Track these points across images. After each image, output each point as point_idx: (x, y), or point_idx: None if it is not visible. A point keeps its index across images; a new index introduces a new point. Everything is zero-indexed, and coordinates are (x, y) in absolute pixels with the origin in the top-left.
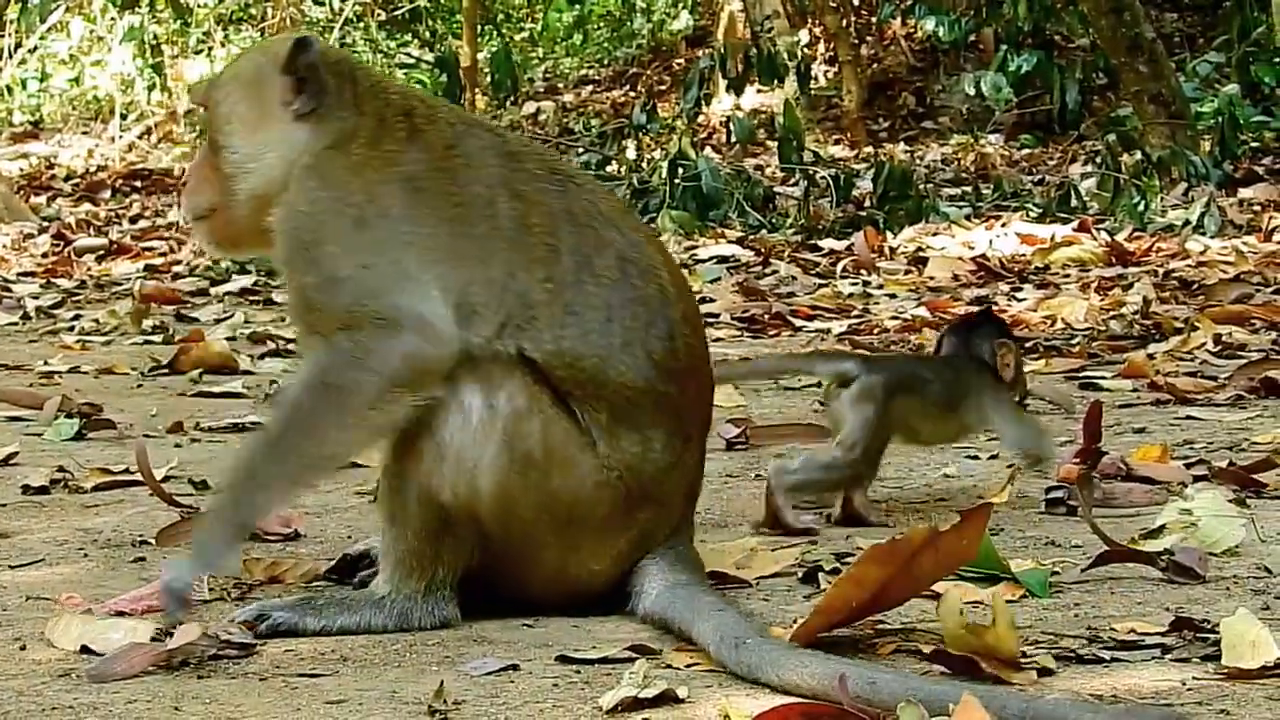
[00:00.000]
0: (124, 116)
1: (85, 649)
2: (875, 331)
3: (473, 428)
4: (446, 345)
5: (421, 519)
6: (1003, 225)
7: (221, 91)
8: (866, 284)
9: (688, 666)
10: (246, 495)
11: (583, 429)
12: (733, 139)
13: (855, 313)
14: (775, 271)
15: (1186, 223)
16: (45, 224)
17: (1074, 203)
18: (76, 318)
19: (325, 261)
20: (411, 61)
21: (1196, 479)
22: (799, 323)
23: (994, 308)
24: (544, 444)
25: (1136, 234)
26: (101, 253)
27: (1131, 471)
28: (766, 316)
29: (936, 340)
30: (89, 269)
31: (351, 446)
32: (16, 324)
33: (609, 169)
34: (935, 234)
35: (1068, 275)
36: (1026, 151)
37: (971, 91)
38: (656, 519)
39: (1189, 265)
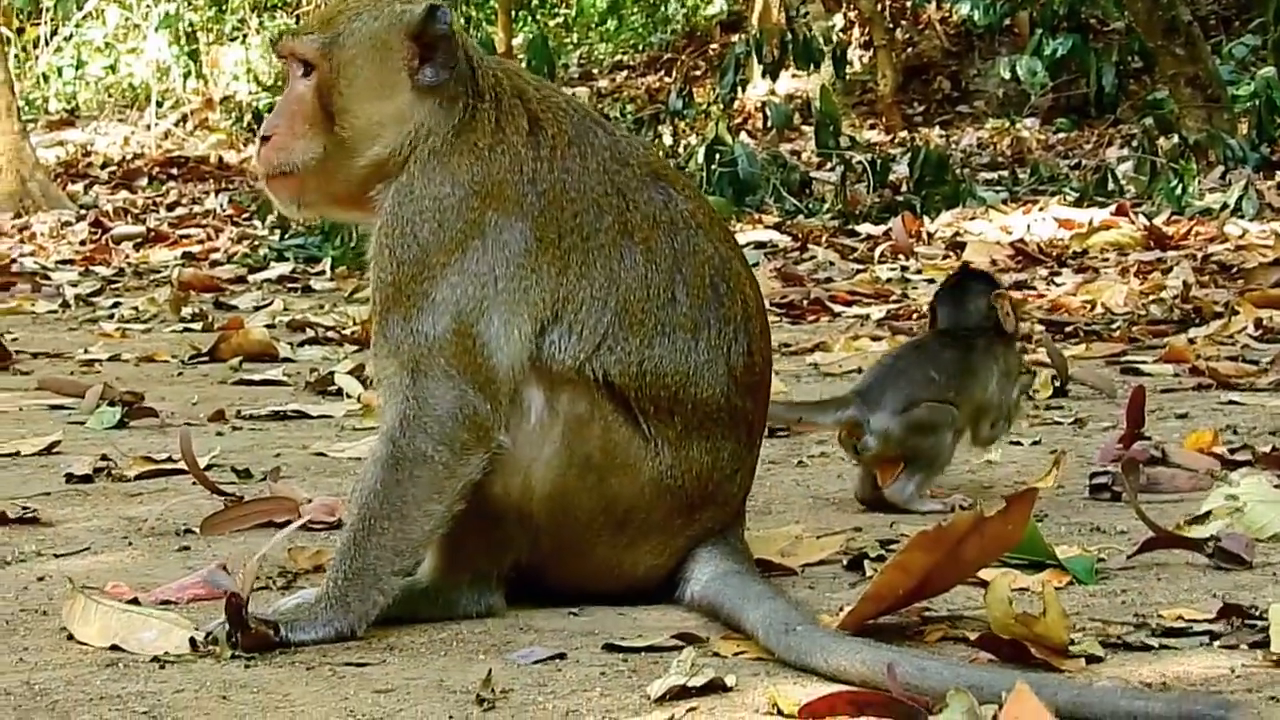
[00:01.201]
0: (160, 104)
1: (115, 648)
2: (914, 316)
3: (530, 426)
4: (503, 402)
5: (470, 511)
6: (1040, 209)
7: (344, 50)
8: (904, 269)
9: (735, 655)
10: (358, 592)
11: (646, 436)
12: (769, 124)
13: (894, 298)
14: (813, 257)
15: (1224, 206)
16: (83, 211)
17: (1111, 186)
18: (116, 305)
19: (428, 271)
20: None
21: (1240, 464)
22: (837, 308)
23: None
24: (604, 448)
25: (1174, 218)
26: (139, 240)
27: (1166, 458)
28: (805, 302)
29: (929, 308)
30: (127, 256)
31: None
32: (56, 312)
33: None
34: (972, 218)
35: (1106, 259)
36: (1063, 135)
37: (1007, 75)
38: (715, 517)
39: (1228, 249)
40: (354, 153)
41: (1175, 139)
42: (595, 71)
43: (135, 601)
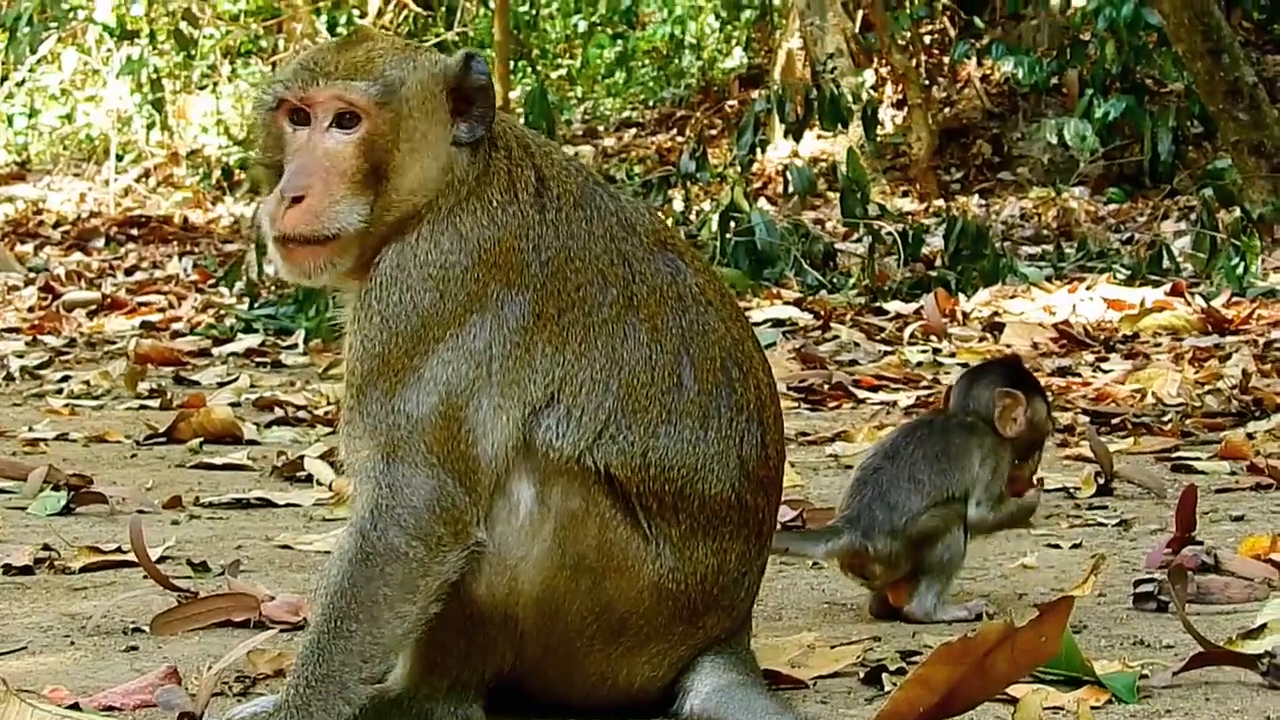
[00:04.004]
0: (120, 157)
1: None
2: (946, 404)
3: (519, 522)
4: (483, 495)
5: (448, 613)
6: (1087, 288)
7: (404, 102)
8: (937, 351)
9: None
10: (322, 701)
11: (647, 535)
12: (790, 190)
13: (924, 383)
14: (836, 337)
15: None
16: (32, 275)
17: (1166, 264)
18: (65, 379)
19: (422, 344)
20: None
21: None
22: (861, 394)
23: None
24: (599, 547)
25: (1235, 299)
26: (93, 308)
27: (1219, 565)
28: (826, 387)
29: (946, 391)
30: (79, 325)
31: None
32: None
33: None
34: (1013, 297)
35: (1159, 344)
36: (1114, 206)
37: (1053, 140)
38: (720, 624)
39: None
40: (393, 213)
41: (1237, 212)
42: (601, 129)
43: (76, 707)
